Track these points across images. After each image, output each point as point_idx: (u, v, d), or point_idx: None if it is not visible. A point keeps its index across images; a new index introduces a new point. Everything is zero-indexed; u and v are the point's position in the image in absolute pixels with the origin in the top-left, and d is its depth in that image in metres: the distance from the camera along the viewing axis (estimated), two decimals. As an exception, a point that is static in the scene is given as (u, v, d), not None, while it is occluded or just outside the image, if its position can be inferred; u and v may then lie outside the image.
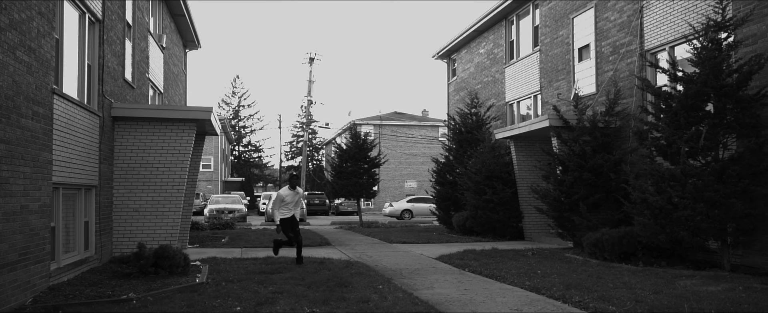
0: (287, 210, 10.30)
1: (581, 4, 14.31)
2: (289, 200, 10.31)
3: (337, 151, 23.36)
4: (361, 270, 9.00)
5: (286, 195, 10.28)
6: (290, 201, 10.33)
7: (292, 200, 10.34)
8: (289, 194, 10.29)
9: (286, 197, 10.28)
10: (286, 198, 10.28)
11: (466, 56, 22.06)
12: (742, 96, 8.66)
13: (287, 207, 10.30)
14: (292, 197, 10.33)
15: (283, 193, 10.33)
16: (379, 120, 46.97)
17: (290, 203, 10.34)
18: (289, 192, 10.30)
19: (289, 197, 10.29)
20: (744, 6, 9.40)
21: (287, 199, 10.28)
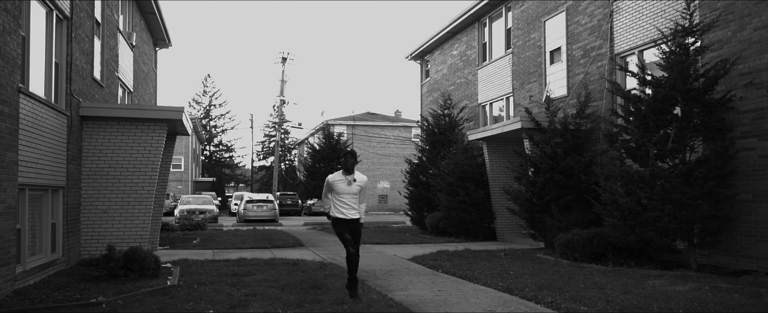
0: (344, 206, 6.99)
1: (553, 8, 14.50)
2: (342, 189, 6.98)
3: (310, 152, 23.32)
4: (335, 272, 8.97)
5: (336, 181, 7.01)
6: (344, 192, 6.99)
7: (346, 190, 6.99)
8: (341, 181, 7.00)
9: (336, 185, 7.00)
10: (337, 186, 6.99)
11: (440, 58, 22.17)
12: (708, 100, 8.87)
13: (343, 202, 6.99)
14: (345, 186, 6.99)
15: (332, 179, 7.05)
16: (352, 120, 46.92)
17: (345, 196, 7.00)
18: (341, 177, 7.02)
19: (341, 185, 6.99)
20: (710, 12, 9.63)
21: (339, 188, 6.98)
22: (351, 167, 7.00)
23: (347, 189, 6.96)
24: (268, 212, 27.93)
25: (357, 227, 7.10)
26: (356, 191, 7.01)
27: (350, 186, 6.96)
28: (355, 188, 6.99)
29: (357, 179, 7.03)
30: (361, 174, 7.17)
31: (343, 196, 6.98)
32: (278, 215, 28.93)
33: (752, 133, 8.82)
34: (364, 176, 7.30)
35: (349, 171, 6.96)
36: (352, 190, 6.98)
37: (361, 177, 7.16)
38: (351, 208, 7.01)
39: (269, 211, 28.01)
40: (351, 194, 6.98)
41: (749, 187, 8.81)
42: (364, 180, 7.22)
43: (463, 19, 19.03)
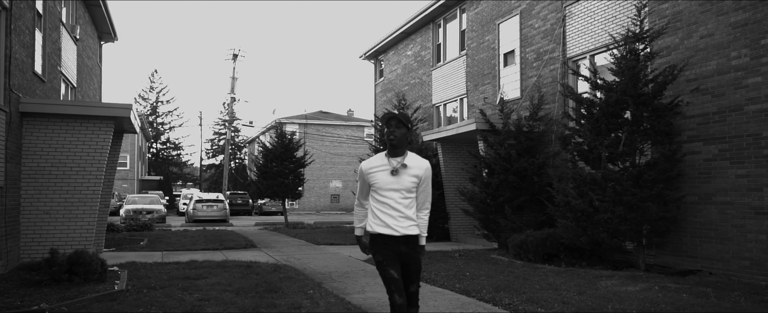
0: (388, 212, 3.98)
1: (507, 11, 14.68)
2: (385, 184, 3.98)
3: (263, 151, 22.90)
4: (290, 274, 8.81)
5: (373, 171, 4.02)
6: (388, 187, 3.98)
7: (390, 184, 3.98)
8: (381, 169, 4.00)
9: (374, 176, 4.00)
10: (376, 179, 3.99)
11: (394, 58, 22.18)
12: (657, 105, 9.12)
13: (386, 205, 3.99)
14: (388, 177, 3.98)
15: (367, 166, 4.06)
16: (305, 119, 46.54)
17: (389, 194, 3.98)
18: (381, 163, 4.02)
19: (382, 175, 3.99)
20: (659, 19, 9.91)
21: (378, 181, 3.99)
22: (400, 140, 3.91)
23: (393, 183, 3.89)
24: (219, 212, 27.36)
25: (413, 253, 3.98)
26: (410, 186, 3.91)
27: (399, 177, 3.89)
28: (407, 182, 3.90)
29: (410, 164, 3.92)
30: (419, 158, 4.02)
31: (387, 194, 3.91)
32: (229, 214, 28.40)
33: (698, 137, 9.12)
34: (424, 161, 4.01)
35: (397, 151, 3.92)
36: (404, 184, 3.90)
37: (419, 162, 3.98)
38: (401, 216, 3.90)
39: (219, 211, 27.45)
40: (401, 190, 3.90)
41: (695, 189, 9.11)
42: (425, 168, 3.96)
43: (418, 19, 19.08)
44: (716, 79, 8.86)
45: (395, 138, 3.90)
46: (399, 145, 3.91)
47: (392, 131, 3.91)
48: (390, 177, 3.90)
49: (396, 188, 3.90)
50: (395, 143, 3.91)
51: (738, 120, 8.52)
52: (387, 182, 3.91)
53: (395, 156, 3.94)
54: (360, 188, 4.16)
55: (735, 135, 8.55)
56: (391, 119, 3.91)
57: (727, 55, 8.73)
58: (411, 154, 3.97)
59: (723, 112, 8.75)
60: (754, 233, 8.22)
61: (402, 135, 3.91)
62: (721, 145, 8.75)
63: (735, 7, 8.63)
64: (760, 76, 8.23)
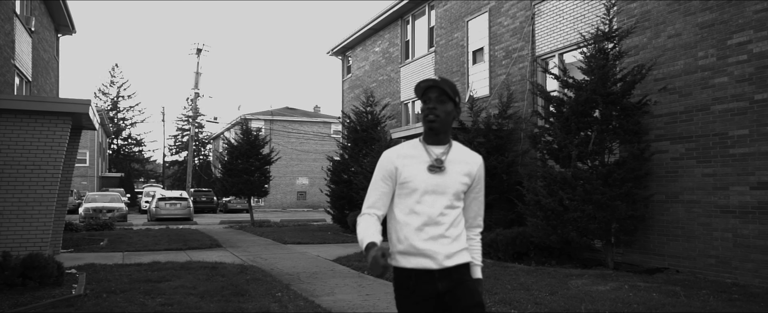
0: (422, 228, 2.51)
1: (476, 8, 14.64)
2: (422, 184, 2.54)
3: (228, 148, 22.48)
4: (257, 276, 8.58)
5: (406, 163, 2.57)
6: (426, 189, 2.54)
7: (430, 185, 2.54)
8: (415, 160, 2.58)
9: (405, 171, 2.56)
10: (408, 175, 2.55)
11: (362, 54, 21.99)
12: (626, 104, 9.16)
13: (419, 216, 2.52)
14: (427, 176, 2.54)
15: (395, 156, 2.60)
16: (271, 115, 46.00)
17: (427, 198, 2.54)
18: (417, 153, 2.60)
19: (416, 170, 2.56)
20: (628, 19, 9.97)
21: (412, 181, 2.54)
22: (444, 122, 2.57)
23: (435, 183, 2.57)
24: (182, 210, 26.77)
25: (464, 293, 2.56)
26: (459, 190, 2.61)
27: (443, 175, 2.58)
28: (455, 182, 2.60)
29: (459, 158, 2.65)
30: (469, 150, 2.73)
31: (424, 201, 2.55)
32: (193, 212, 27.83)
33: (665, 136, 9.20)
34: (476, 154, 2.73)
35: (440, 138, 2.63)
36: (450, 186, 2.58)
37: (470, 156, 2.69)
38: (444, 236, 2.55)
39: (183, 209, 26.86)
40: (447, 195, 2.58)
41: (662, 188, 9.19)
42: (479, 165, 2.68)
43: (386, 16, 18.93)
44: (683, 78, 8.95)
45: (437, 118, 2.50)
46: (442, 130, 2.54)
47: (432, 107, 2.51)
48: (429, 175, 2.51)
49: (439, 191, 2.50)
50: (437, 125, 2.51)
51: (704, 119, 8.61)
52: (426, 182, 2.50)
53: (436, 144, 2.58)
54: (374, 188, 2.59)
55: (701, 134, 8.64)
56: (431, 88, 2.53)
57: (694, 55, 8.81)
58: (457, 143, 2.65)
59: (690, 112, 8.83)
60: (719, 231, 8.33)
61: (447, 114, 2.51)
62: (688, 144, 8.84)
63: (702, 8, 8.71)
64: (726, 77, 8.32)
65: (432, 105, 2.53)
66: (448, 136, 2.62)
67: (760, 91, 7.86)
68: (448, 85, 2.55)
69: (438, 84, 2.55)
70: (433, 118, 2.53)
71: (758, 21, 7.92)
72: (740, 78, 8.12)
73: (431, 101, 2.54)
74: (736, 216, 8.12)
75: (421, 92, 2.60)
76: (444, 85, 2.54)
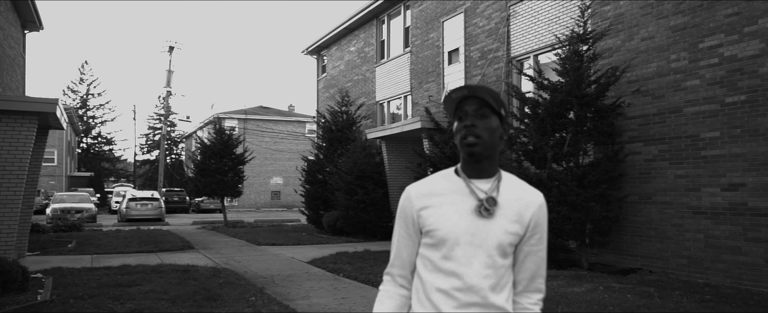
0: (447, 292, 1.75)
1: (451, 9, 14.64)
2: (456, 231, 1.76)
3: (200, 148, 22.16)
4: (231, 279, 8.43)
5: (435, 201, 1.82)
6: (461, 240, 1.76)
7: (479, 237, 1.75)
8: (449, 199, 1.80)
9: (436, 216, 1.79)
10: (440, 220, 1.78)
11: (337, 53, 21.87)
12: (600, 106, 9.23)
13: (451, 274, 1.76)
14: (472, 219, 1.76)
15: (420, 192, 1.85)
16: (244, 114, 45.55)
17: (464, 253, 1.76)
18: (457, 187, 1.82)
19: (450, 215, 1.78)
20: (602, 21, 10.04)
21: (446, 226, 1.77)
22: (488, 144, 1.78)
23: (474, 231, 1.77)
24: (154, 211, 26.32)
25: None
26: (506, 242, 1.77)
27: (486, 220, 1.77)
28: (500, 231, 1.77)
29: (509, 195, 1.81)
30: (524, 185, 1.87)
31: (458, 256, 1.76)
32: (164, 213, 27.37)
33: (639, 138, 9.29)
34: (535, 191, 1.86)
35: (483, 166, 1.82)
36: (494, 236, 1.76)
37: (524, 193, 1.84)
38: (478, 304, 1.75)
39: (155, 209, 26.40)
40: (489, 248, 1.76)
41: (635, 189, 9.27)
42: (538, 205, 1.82)
43: (362, 15, 18.85)
44: (656, 81, 9.04)
45: (479, 140, 1.76)
46: (486, 155, 1.79)
47: (470, 125, 1.78)
48: (470, 218, 1.77)
49: (476, 242, 1.76)
50: (479, 150, 1.76)
51: (677, 121, 8.71)
52: (459, 229, 1.77)
53: (479, 176, 1.82)
54: (394, 239, 1.93)
55: (674, 136, 8.75)
56: (467, 99, 1.81)
57: (666, 58, 8.91)
58: (508, 175, 1.88)
59: (663, 114, 8.93)
60: (691, 232, 8.43)
61: (491, 133, 1.78)
62: (661, 146, 8.93)
63: (674, 11, 8.81)
64: (697, 79, 8.43)
65: (469, 122, 1.77)
66: (494, 165, 1.84)
67: (731, 94, 7.97)
68: (490, 95, 1.79)
69: (477, 93, 1.79)
70: (474, 142, 1.75)
71: (729, 25, 8.03)
72: (712, 81, 8.23)
73: (468, 117, 1.79)
74: (707, 217, 8.23)
75: (453, 106, 1.85)
76: (484, 94, 1.78)
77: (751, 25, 7.77)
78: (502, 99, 1.85)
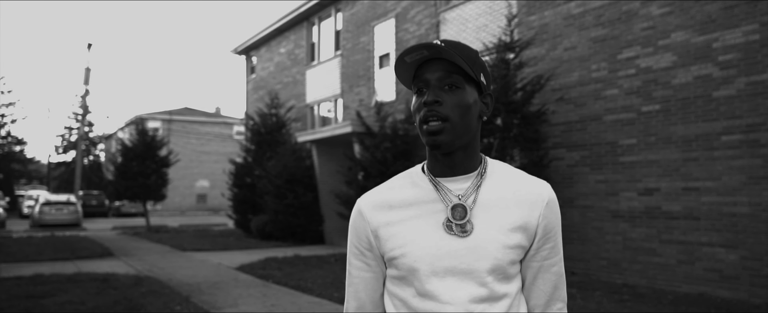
0: None
1: (382, 13, 14.72)
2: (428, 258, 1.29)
3: (121, 149, 21.27)
4: (154, 288, 8.12)
5: (394, 216, 1.33)
6: (435, 268, 1.28)
7: (462, 259, 1.27)
8: (414, 210, 1.33)
9: (397, 237, 1.31)
10: (405, 244, 1.30)
11: (266, 55, 21.54)
12: (526, 112, 9.51)
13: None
14: (440, 237, 1.29)
15: (373, 202, 1.37)
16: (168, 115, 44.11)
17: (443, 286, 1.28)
18: (422, 193, 1.34)
19: (417, 233, 1.30)
20: (528, 30, 10.36)
21: (413, 252, 1.29)
22: (457, 128, 1.28)
23: (450, 253, 1.28)
24: (70, 215, 24.96)
25: None
26: (500, 259, 1.28)
27: (467, 237, 1.28)
28: (493, 244, 1.28)
29: (502, 195, 1.33)
30: (525, 177, 1.39)
31: (429, 285, 1.28)
32: (82, 217, 26.07)
33: (562, 144, 9.64)
34: (538, 184, 1.38)
35: (455, 157, 1.32)
36: (481, 254, 1.27)
37: (525, 186, 1.36)
38: None
39: (71, 214, 25.05)
40: (478, 274, 1.27)
41: (559, 194, 9.58)
42: (543, 201, 1.34)
43: (292, 17, 18.65)
44: (578, 89, 9.42)
45: (447, 123, 1.28)
46: (457, 144, 1.31)
47: (433, 102, 1.28)
48: (442, 237, 1.30)
49: (460, 268, 1.28)
50: (444, 138, 1.28)
51: (597, 129, 9.10)
52: (436, 252, 1.29)
53: (451, 172, 1.35)
54: (352, 276, 1.42)
55: (594, 143, 9.13)
56: (431, 63, 1.30)
57: (588, 68, 9.29)
58: (497, 166, 1.40)
59: (584, 121, 9.31)
60: (610, 235, 8.83)
61: (464, 111, 1.30)
62: (583, 152, 9.31)
63: (595, 23, 9.21)
64: (616, 89, 8.84)
65: (431, 97, 1.27)
66: (473, 156, 1.35)
67: (647, 104, 8.41)
68: (463, 54, 1.29)
69: (442, 53, 1.27)
70: (438, 128, 1.26)
71: (645, 38, 8.47)
72: (629, 91, 8.65)
73: (430, 89, 1.29)
74: (625, 220, 8.64)
75: (410, 73, 1.32)
76: (453, 54, 1.25)
77: (664, 38, 8.23)
78: (481, 60, 1.34)
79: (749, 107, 7.28)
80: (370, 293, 1.40)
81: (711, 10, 7.71)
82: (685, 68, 7.97)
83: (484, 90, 1.37)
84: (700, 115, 7.81)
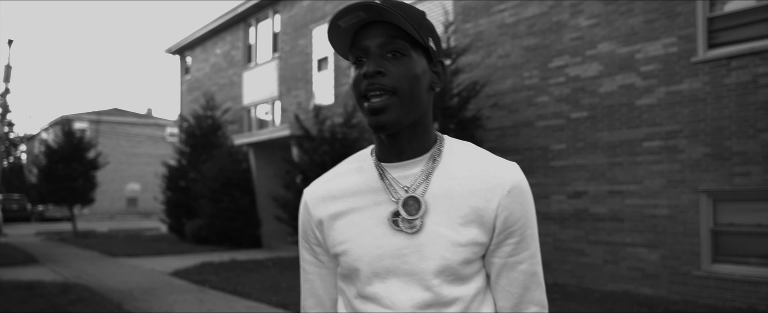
0: None
1: (321, 16, 14.73)
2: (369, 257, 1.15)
3: (46, 151, 20.33)
4: (84, 295, 7.85)
5: (337, 209, 1.22)
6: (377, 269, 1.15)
7: (406, 259, 1.13)
8: (357, 202, 1.19)
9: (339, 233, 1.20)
10: (346, 241, 1.19)
11: (201, 55, 21.12)
12: (462, 118, 9.75)
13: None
14: (385, 233, 1.15)
15: (317, 193, 1.26)
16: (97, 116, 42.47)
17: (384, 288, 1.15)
18: (367, 181, 1.20)
19: (360, 230, 1.17)
20: (464, 38, 10.64)
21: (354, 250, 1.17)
22: (404, 103, 1.11)
23: (392, 253, 1.14)
24: (-12, 220, 23.65)
25: None
26: (449, 259, 1.12)
27: (417, 233, 1.13)
28: (439, 242, 1.13)
29: (458, 186, 1.15)
30: (489, 158, 1.20)
31: (371, 286, 1.16)
32: (2, 222, 24.69)
33: (497, 149, 9.94)
34: (503, 166, 1.18)
35: (401, 141, 1.17)
36: (425, 253, 1.13)
37: (485, 168, 1.17)
38: None
39: (-11, 219, 23.74)
40: (422, 276, 1.13)
41: (493, 196, 9.91)
42: (504, 188, 1.14)
43: (229, 18, 18.38)
44: (512, 96, 9.74)
45: (391, 98, 1.12)
46: (407, 121, 1.14)
47: (375, 72, 1.11)
48: (389, 231, 1.16)
49: (403, 269, 1.14)
50: (388, 118, 1.11)
51: (530, 134, 9.44)
52: (378, 251, 1.16)
53: (398, 156, 1.19)
54: (306, 271, 1.32)
55: (527, 148, 9.48)
56: (370, 28, 1.13)
57: (520, 75, 9.63)
58: (455, 145, 1.27)
59: (517, 127, 9.64)
60: (542, 236, 9.16)
61: (413, 81, 1.13)
62: (516, 156, 9.63)
63: (527, 33, 9.56)
64: (547, 96, 9.21)
65: (372, 67, 1.11)
66: (425, 136, 1.20)
67: (575, 111, 8.81)
68: (406, 15, 1.11)
69: (383, 15, 1.10)
70: (381, 105, 1.11)
71: (573, 48, 8.87)
72: (559, 98, 9.03)
73: (371, 58, 1.13)
74: (555, 222, 9.01)
75: (347, 40, 1.16)
76: (396, 15, 1.09)
77: (591, 49, 8.64)
78: (429, 21, 1.18)
79: (668, 115, 7.76)
80: (328, 288, 1.27)
81: (634, 23, 8.16)
82: (611, 77, 8.40)
83: (433, 57, 1.19)
84: (624, 123, 8.24)
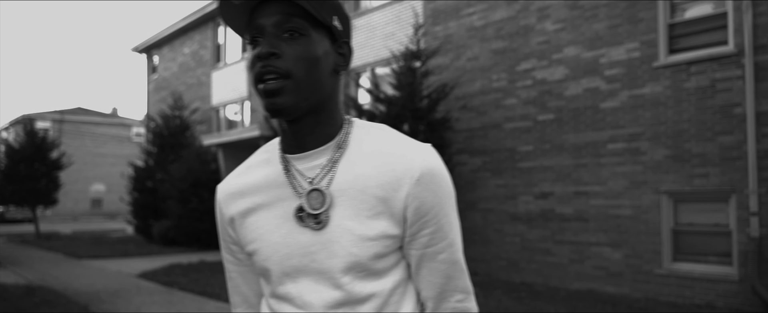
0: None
1: (292, 17, 14.70)
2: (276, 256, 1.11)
3: (7, 151, 19.83)
4: (49, 298, 7.72)
5: (246, 206, 1.16)
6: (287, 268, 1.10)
7: (312, 258, 1.08)
8: (264, 199, 1.13)
9: (250, 231, 1.15)
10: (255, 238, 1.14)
11: (169, 54, 20.87)
12: (432, 119, 9.86)
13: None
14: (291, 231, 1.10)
15: (229, 190, 1.20)
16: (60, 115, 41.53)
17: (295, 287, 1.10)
18: (272, 176, 1.14)
19: (268, 229, 1.12)
20: (433, 40, 10.76)
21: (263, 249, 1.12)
22: (301, 87, 1.04)
23: (299, 251, 1.09)
24: (-55, 222, 22.97)
25: None
26: (357, 255, 1.06)
27: (322, 230, 1.08)
28: (346, 237, 1.07)
29: (363, 171, 1.08)
30: (399, 139, 1.17)
31: (283, 285, 1.11)
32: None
33: (465, 150, 10.09)
34: (414, 148, 1.14)
35: (302, 128, 1.10)
36: (333, 249, 1.07)
37: (392, 153, 1.11)
38: None
39: (-53, 220, 23.06)
40: (331, 274, 1.08)
41: (462, 197, 10.04)
42: (413, 176, 1.08)
43: (197, 17, 18.21)
44: (480, 98, 9.90)
45: (287, 81, 1.04)
46: (306, 107, 1.08)
47: (269, 54, 1.03)
48: (292, 229, 1.11)
49: (316, 266, 1.09)
50: (284, 102, 1.04)
51: (498, 136, 9.61)
52: (284, 249, 1.11)
53: (301, 146, 1.12)
54: (229, 270, 1.28)
55: (495, 149, 9.64)
56: (265, 6, 1.05)
57: (489, 78, 9.79)
58: (364, 129, 1.20)
59: (485, 129, 9.80)
60: (510, 236, 9.34)
61: (312, 63, 1.06)
62: (484, 157, 9.79)
63: (495, 36, 9.72)
64: (515, 98, 9.38)
65: (266, 48, 1.04)
66: (330, 123, 1.15)
67: (542, 113, 8.99)
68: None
69: None
70: (276, 88, 1.04)
71: (540, 51, 9.06)
72: (526, 100, 9.21)
73: (266, 38, 1.06)
74: (523, 222, 9.18)
75: (243, 19, 1.09)
76: None
77: (558, 53, 8.84)
78: (339, 4, 1.11)
79: (631, 118, 7.98)
80: (251, 285, 1.24)
81: (598, 28, 8.38)
82: (576, 81, 8.60)
83: (338, 38, 1.11)
84: (589, 125, 8.45)
